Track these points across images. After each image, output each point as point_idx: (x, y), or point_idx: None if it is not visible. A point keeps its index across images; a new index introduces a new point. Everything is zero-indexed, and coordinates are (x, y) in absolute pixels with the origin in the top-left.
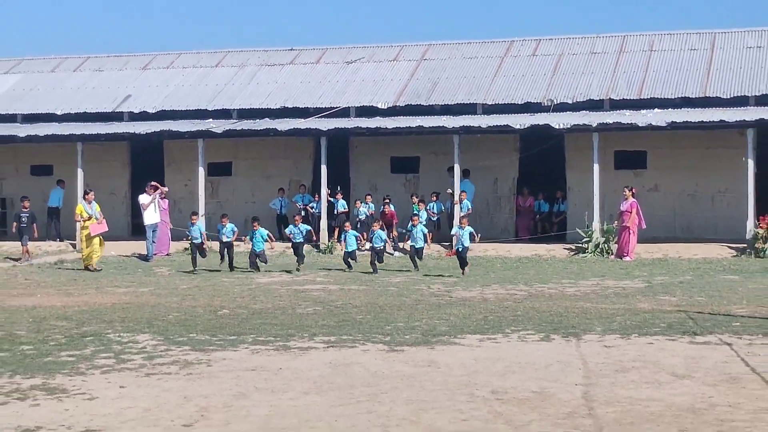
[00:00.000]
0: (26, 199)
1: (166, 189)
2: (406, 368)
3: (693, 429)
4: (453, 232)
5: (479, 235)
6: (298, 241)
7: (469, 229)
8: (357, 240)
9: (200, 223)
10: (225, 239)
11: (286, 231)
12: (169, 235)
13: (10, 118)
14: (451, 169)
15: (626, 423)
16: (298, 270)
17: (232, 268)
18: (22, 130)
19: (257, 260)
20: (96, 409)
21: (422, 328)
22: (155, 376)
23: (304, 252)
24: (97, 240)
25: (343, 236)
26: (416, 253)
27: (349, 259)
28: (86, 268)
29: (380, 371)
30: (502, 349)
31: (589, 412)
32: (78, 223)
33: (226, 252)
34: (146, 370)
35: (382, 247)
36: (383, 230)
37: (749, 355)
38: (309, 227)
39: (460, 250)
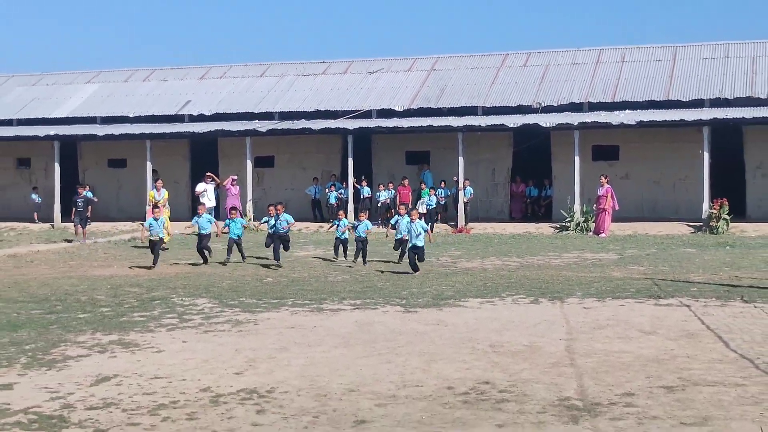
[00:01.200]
0: (81, 186)
1: (235, 177)
2: (419, 326)
3: (657, 375)
4: (403, 230)
5: (433, 234)
6: (233, 237)
7: (420, 223)
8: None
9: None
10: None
11: (223, 224)
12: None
13: (91, 120)
14: (426, 165)
15: (602, 371)
16: (225, 263)
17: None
18: (101, 130)
19: (235, 247)
20: (163, 360)
21: (432, 293)
22: (212, 333)
23: (238, 249)
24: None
25: (335, 222)
26: (406, 248)
27: (341, 246)
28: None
29: (398, 329)
30: (498, 310)
31: (571, 362)
32: (148, 207)
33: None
34: (204, 328)
35: (365, 238)
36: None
37: (705, 315)
38: (243, 220)
39: (417, 246)
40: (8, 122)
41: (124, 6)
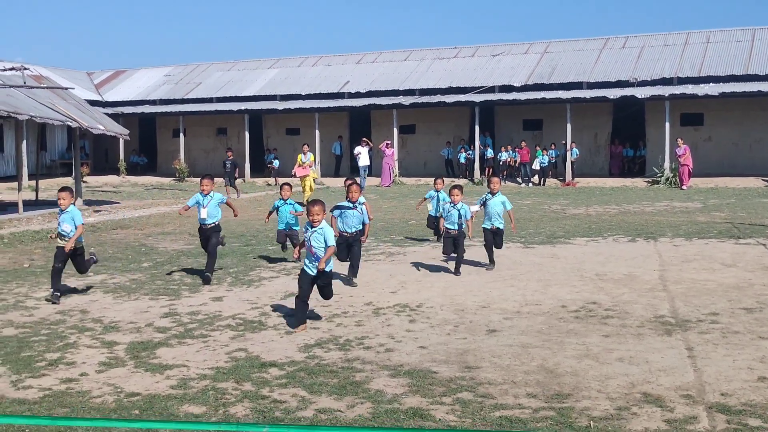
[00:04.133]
0: (230, 150)
1: (389, 141)
2: (536, 258)
3: (738, 299)
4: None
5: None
6: (283, 227)
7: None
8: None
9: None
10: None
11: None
12: (390, 172)
13: (272, 98)
14: (485, 134)
15: (690, 295)
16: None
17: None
18: (280, 105)
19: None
20: (334, 282)
21: (546, 233)
22: (370, 262)
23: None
24: (308, 183)
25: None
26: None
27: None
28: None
29: (519, 260)
30: (601, 246)
31: (664, 287)
32: (296, 166)
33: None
34: (365, 258)
35: (456, 231)
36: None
37: None
38: (298, 207)
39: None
40: (209, 100)
41: (297, 6)
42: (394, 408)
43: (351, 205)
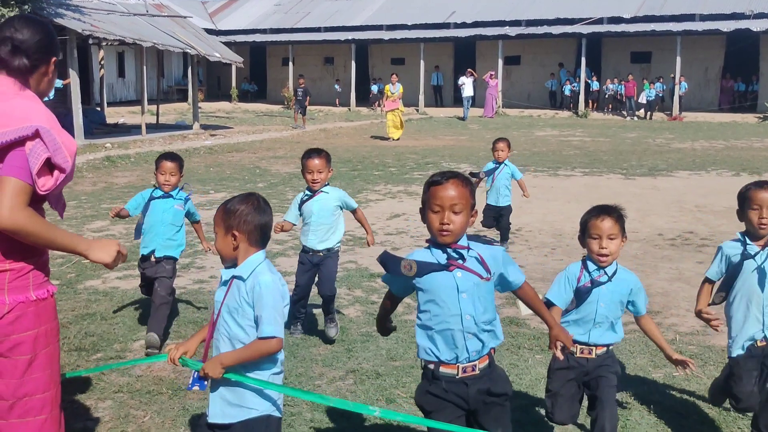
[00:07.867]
0: (302, 78)
1: (493, 72)
2: (636, 190)
3: None
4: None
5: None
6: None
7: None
8: None
9: None
10: None
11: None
12: (494, 103)
13: (378, 28)
14: (561, 65)
15: None
16: None
17: None
18: (386, 35)
19: None
20: None
21: (648, 165)
22: None
23: None
24: (395, 118)
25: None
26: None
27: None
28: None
29: (619, 191)
30: (703, 180)
31: None
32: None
33: None
34: None
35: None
36: None
37: None
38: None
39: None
40: (317, 29)
41: None
42: None
43: (455, 254)
